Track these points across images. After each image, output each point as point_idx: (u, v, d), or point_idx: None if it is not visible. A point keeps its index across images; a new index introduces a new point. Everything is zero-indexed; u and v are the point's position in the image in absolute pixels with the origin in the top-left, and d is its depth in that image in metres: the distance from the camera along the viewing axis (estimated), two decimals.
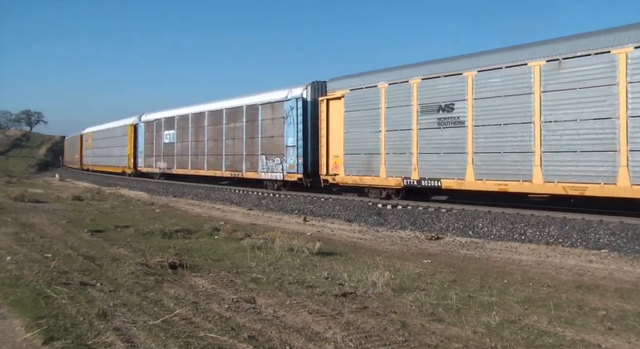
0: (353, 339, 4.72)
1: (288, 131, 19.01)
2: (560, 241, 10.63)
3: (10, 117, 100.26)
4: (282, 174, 19.28)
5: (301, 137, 18.39)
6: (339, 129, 16.77)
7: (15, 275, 6.97)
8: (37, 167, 66.81)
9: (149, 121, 31.60)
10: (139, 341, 4.56)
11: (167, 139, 29.01)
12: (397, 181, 14.81)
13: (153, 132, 30.79)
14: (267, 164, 20.25)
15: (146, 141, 31.84)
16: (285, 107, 19.28)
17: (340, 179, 16.75)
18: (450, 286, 6.95)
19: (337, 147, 16.90)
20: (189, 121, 26.63)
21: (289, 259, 8.59)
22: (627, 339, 4.90)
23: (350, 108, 16.33)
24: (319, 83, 18.84)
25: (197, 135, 25.83)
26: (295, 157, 18.55)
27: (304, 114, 18.44)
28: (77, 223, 13.13)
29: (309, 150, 18.42)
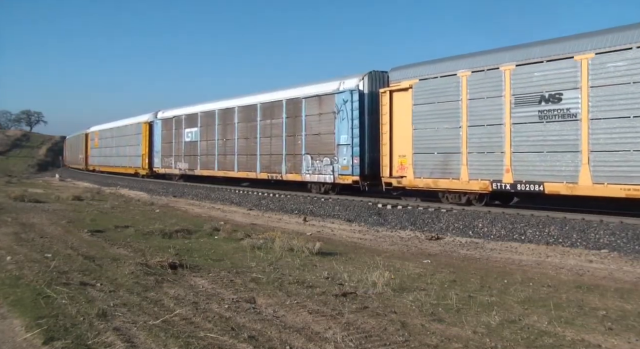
0: (353, 339, 4.72)
1: (340, 128, 16.81)
2: (560, 241, 10.62)
3: (10, 117, 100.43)
4: (332, 176, 17.15)
5: (357, 134, 16.20)
6: (405, 125, 14.70)
7: (15, 275, 6.97)
8: (37, 167, 66.92)
9: (167, 118, 29.22)
10: (139, 341, 4.56)
11: (189, 137, 26.65)
12: (483, 184, 12.82)
13: (172, 130, 28.46)
14: (312, 164, 18.04)
15: (164, 139, 29.46)
16: (336, 101, 17.04)
17: (407, 183, 14.70)
18: (450, 286, 6.95)
19: (404, 146, 14.79)
20: (215, 117, 24.32)
21: (289, 259, 8.59)
22: (627, 339, 4.90)
23: (420, 100, 14.31)
24: (378, 73, 16.71)
25: (225, 133, 23.51)
26: (349, 157, 16.37)
27: (360, 108, 16.22)
28: (77, 223, 13.13)
29: (367, 149, 16.30)
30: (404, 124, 14.83)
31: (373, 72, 16.69)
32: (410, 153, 14.62)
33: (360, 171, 16.22)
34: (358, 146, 16.24)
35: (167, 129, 29.17)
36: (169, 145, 28.90)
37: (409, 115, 14.62)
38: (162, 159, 29.77)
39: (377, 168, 15.88)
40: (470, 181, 13.20)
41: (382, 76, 16.60)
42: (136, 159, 33.61)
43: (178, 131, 27.89)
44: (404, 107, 14.82)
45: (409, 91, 14.68)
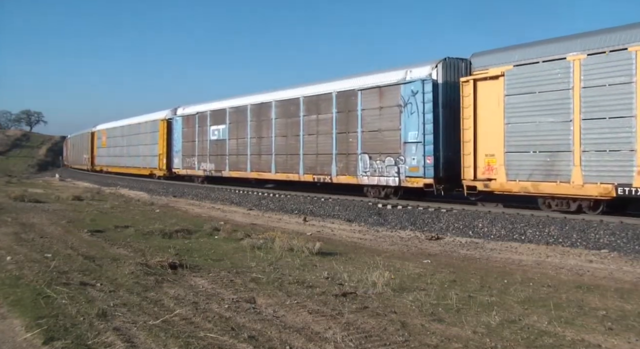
0: (353, 339, 4.72)
1: (408, 123, 14.75)
2: (560, 241, 10.62)
3: (10, 117, 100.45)
4: (396, 179, 15.08)
5: (430, 130, 14.13)
6: (494, 119, 12.67)
7: (15, 275, 6.97)
8: (37, 167, 66.94)
9: (189, 114, 26.61)
10: (139, 341, 4.56)
11: (215, 135, 24.10)
12: (604, 189, 10.78)
13: (194, 127, 25.90)
14: (371, 165, 15.90)
15: (185, 138, 26.87)
16: (402, 93, 14.97)
17: (498, 186, 12.64)
18: (450, 286, 6.95)
19: (492, 143, 12.74)
20: (246, 113, 21.86)
21: (289, 259, 8.60)
22: (627, 339, 4.90)
23: (514, 90, 12.28)
24: (454, 60, 14.74)
25: (259, 130, 21.11)
26: (420, 156, 14.30)
27: (434, 100, 14.16)
28: (77, 223, 13.13)
29: (441, 147, 14.24)
30: (492, 118, 12.75)
31: (448, 58, 14.62)
32: (502, 152, 12.55)
33: (435, 173, 14.05)
34: (431, 143, 14.09)
35: (188, 126, 26.59)
36: (191, 144, 26.32)
37: (500, 107, 12.56)
38: (183, 159, 27.10)
39: (452, 170, 13.99)
40: (585, 184, 11.10)
41: (457, 64, 14.75)
42: (152, 159, 31.03)
43: (202, 129, 25.30)
44: (493, 98, 12.79)
45: (500, 80, 12.60)
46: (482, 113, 13.12)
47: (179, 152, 27.63)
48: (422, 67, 14.86)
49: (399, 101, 15.17)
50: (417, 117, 14.53)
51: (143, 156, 32.73)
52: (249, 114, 21.84)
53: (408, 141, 14.80)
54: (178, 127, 27.75)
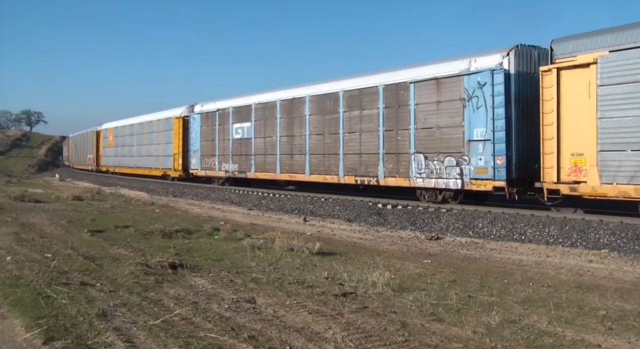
0: (353, 339, 4.72)
1: (473, 119, 13.20)
2: (560, 241, 10.62)
3: (10, 117, 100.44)
4: (459, 181, 13.59)
5: (501, 126, 12.56)
6: (583, 113, 11.09)
7: (15, 275, 6.97)
8: (37, 167, 66.91)
9: (208, 111, 24.93)
10: (139, 341, 4.56)
11: (239, 134, 22.42)
12: None
13: (215, 125, 24.22)
14: (427, 166, 14.37)
15: (203, 136, 25.11)
16: (466, 85, 13.42)
17: (589, 190, 11.05)
18: (450, 286, 6.95)
19: (580, 141, 11.17)
20: (276, 109, 20.15)
21: (289, 259, 8.60)
22: (627, 339, 4.91)
23: (610, 79, 10.67)
24: (526, 48, 13.12)
25: (290, 128, 19.43)
26: (488, 156, 12.82)
27: (505, 92, 12.58)
28: (77, 223, 13.13)
29: (514, 146, 12.67)
30: (580, 111, 11.18)
31: (521, 46, 13.01)
32: (594, 151, 10.92)
33: (507, 175, 12.54)
34: (503, 142, 12.55)
35: (208, 124, 24.85)
36: (210, 143, 24.60)
37: (591, 99, 10.97)
38: (202, 159, 25.32)
39: (525, 171, 12.64)
40: None
41: (530, 52, 13.14)
42: (165, 159, 29.21)
43: (223, 127, 23.58)
44: (581, 89, 11.19)
45: (592, 68, 10.99)
46: (567, 106, 11.48)
47: (196, 152, 25.77)
48: (489, 56, 13.32)
49: (461, 94, 13.54)
50: (484, 112, 12.97)
51: (155, 156, 30.77)
52: (279, 111, 20.08)
53: (473, 138, 13.27)
54: (196, 125, 25.90)
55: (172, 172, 28.54)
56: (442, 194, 14.48)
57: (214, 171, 24.63)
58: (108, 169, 40.18)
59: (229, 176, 23.54)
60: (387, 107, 15.75)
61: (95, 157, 43.59)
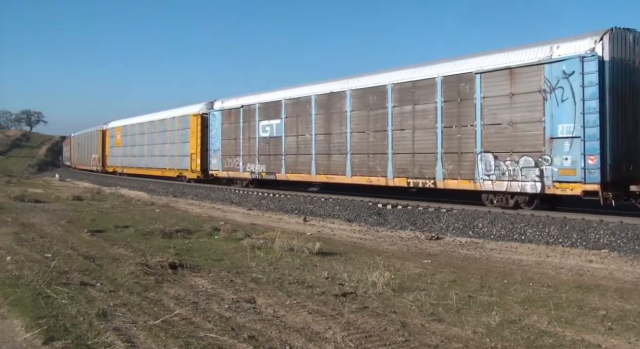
0: (353, 339, 4.72)
1: (557, 113, 11.62)
2: (560, 241, 10.63)
3: (10, 117, 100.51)
4: (539, 184, 11.95)
5: (595, 121, 10.93)
6: None
7: (15, 275, 6.97)
8: (37, 167, 66.91)
9: (231, 108, 23.00)
10: (139, 341, 4.56)
11: (266, 132, 20.60)
12: None
13: (238, 123, 22.38)
14: (497, 167, 12.79)
15: (225, 135, 23.30)
16: (547, 74, 11.81)
17: None
18: (450, 286, 6.96)
19: None
20: (310, 105, 18.31)
21: (289, 259, 8.60)
22: (627, 339, 4.91)
23: None
24: (623, 31, 11.49)
25: (328, 125, 17.64)
26: (578, 155, 11.17)
27: (599, 82, 10.95)
28: (77, 223, 13.13)
29: (608, 144, 11.04)
30: None
31: (615, 29, 11.37)
32: None
33: (602, 177, 10.91)
34: (596, 139, 10.91)
35: (230, 122, 23.02)
36: (233, 142, 22.72)
37: None
38: (223, 159, 23.39)
39: (620, 173, 11.20)
40: None
41: (624, 35, 11.51)
42: (181, 159, 27.40)
43: (248, 125, 21.74)
44: None
45: None
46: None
47: (217, 152, 23.79)
48: (577, 42, 11.67)
49: (541, 85, 11.97)
50: (571, 105, 11.38)
51: (170, 156, 28.75)
52: (314, 106, 18.21)
53: (557, 136, 11.65)
54: (216, 123, 23.95)
55: (188, 173, 26.51)
56: (514, 199, 12.91)
57: (237, 171, 22.65)
58: (115, 169, 38.19)
59: (255, 178, 21.54)
60: (446, 101, 14.08)
61: (100, 157, 41.45)
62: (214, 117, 24.40)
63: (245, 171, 22.08)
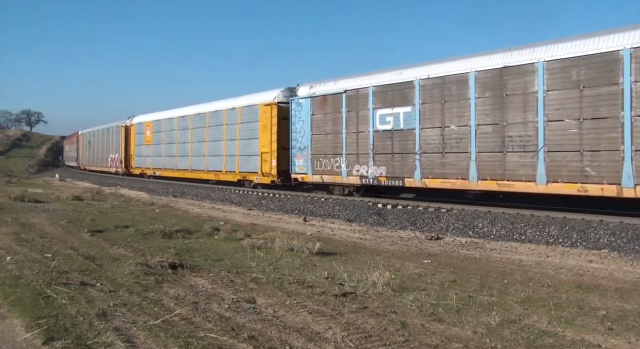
0: (353, 339, 4.72)
1: None
2: (560, 241, 10.63)
3: (10, 117, 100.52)
4: None
5: None
6: None
7: (15, 275, 6.97)
8: (37, 167, 66.90)
9: (327, 94, 17.81)
10: (139, 341, 4.56)
11: (387, 123, 15.74)
12: None
13: (340, 112, 17.16)
14: None
15: (316, 128, 18.18)
16: None
17: None
18: (450, 286, 6.96)
19: None
20: (467, 85, 13.69)
21: (289, 259, 8.60)
22: (627, 339, 4.91)
23: None
24: None
25: (501, 112, 12.88)
26: None
27: None
28: (77, 223, 13.13)
29: None
30: None
31: None
32: None
33: None
34: None
35: (325, 111, 17.88)
36: (331, 137, 17.60)
37: None
38: (314, 160, 18.21)
39: None
40: None
41: None
42: (247, 160, 22.01)
43: (356, 114, 16.68)
44: None
45: None
46: None
47: (304, 150, 18.66)
48: None
49: None
50: None
51: (228, 156, 23.31)
52: (473, 87, 13.59)
53: None
54: (302, 113, 18.84)
55: (258, 177, 21.21)
56: None
57: (336, 175, 17.43)
58: (144, 172, 32.61)
59: (366, 183, 16.51)
60: None
61: (123, 157, 35.71)
62: (298, 106, 19.00)
63: (351, 174, 16.84)
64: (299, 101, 19.13)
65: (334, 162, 17.67)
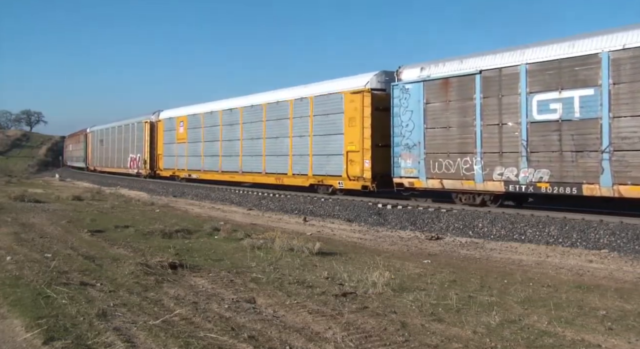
0: (353, 339, 4.72)
1: None
2: (560, 241, 10.63)
3: (10, 117, 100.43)
4: None
5: None
6: None
7: (15, 275, 6.98)
8: (37, 167, 66.90)
9: (449, 76, 14.06)
10: (139, 341, 4.57)
11: (551, 112, 11.88)
12: None
13: (471, 99, 13.36)
14: None
15: (433, 120, 14.34)
16: None
17: None
18: (450, 286, 6.96)
19: None
20: None
21: (289, 259, 8.60)
22: (627, 339, 4.91)
23: None
24: None
25: None
26: None
27: None
28: (77, 223, 13.13)
29: None
30: None
31: None
32: None
33: None
34: None
35: (445, 98, 14.15)
36: (456, 131, 13.83)
37: None
38: (429, 159, 14.41)
39: None
40: None
41: None
42: (324, 160, 17.71)
43: (493, 101, 12.95)
44: None
45: None
46: None
47: (414, 148, 14.73)
48: None
49: None
50: None
51: (297, 156, 19.05)
52: None
53: None
54: (411, 102, 14.86)
55: (341, 181, 16.98)
56: None
57: (467, 180, 13.54)
58: (175, 174, 28.46)
59: (515, 191, 12.67)
60: None
61: (147, 157, 31.46)
62: (403, 93, 15.13)
63: (490, 179, 13.02)
64: (405, 86, 15.09)
65: (461, 164, 13.73)
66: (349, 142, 16.73)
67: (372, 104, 16.11)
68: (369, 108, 16.09)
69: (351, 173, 16.60)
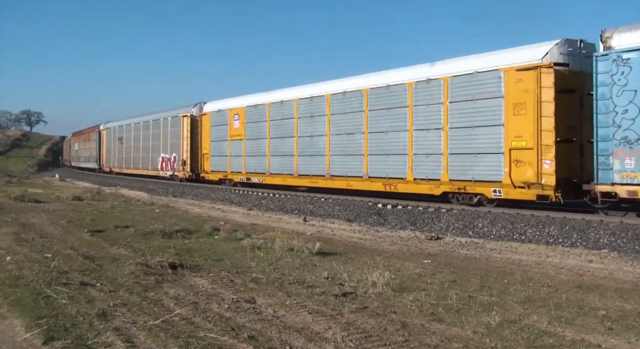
0: (353, 339, 4.72)
1: None
2: (560, 241, 10.63)
3: (10, 117, 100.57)
4: None
5: None
6: None
7: (15, 275, 6.97)
8: (37, 167, 66.92)
9: None
10: (139, 341, 4.56)
11: None
12: None
13: None
14: None
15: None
16: None
17: None
18: (450, 286, 6.96)
19: None
20: None
21: (289, 259, 8.60)
22: (627, 339, 4.91)
23: None
24: None
25: None
26: None
27: None
28: (77, 223, 13.13)
29: None
30: None
31: None
32: None
33: None
34: None
35: None
36: None
37: None
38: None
39: None
40: None
41: None
42: (466, 160, 13.39)
43: None
44: None
45: None
46: None
47: (638, 143, 10.24)
48: None
49: None
50: None
51: (421, 155, 14.57)
52: None
53: None
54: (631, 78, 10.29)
55: (500, 188, 12.70)
56: None
57: None
58: (228, 177, 23.50)
59: None
60: None
61: (189, 157, 26.47)
62: (619, 66, 10.47)
63: None
64: (623, 56, 10.50)
65: None
66: (515, 137, 12.34)
67: (556, 83, 11.67)
68: (551, 90, 11.68)
69: (518, 178, 12.23)
